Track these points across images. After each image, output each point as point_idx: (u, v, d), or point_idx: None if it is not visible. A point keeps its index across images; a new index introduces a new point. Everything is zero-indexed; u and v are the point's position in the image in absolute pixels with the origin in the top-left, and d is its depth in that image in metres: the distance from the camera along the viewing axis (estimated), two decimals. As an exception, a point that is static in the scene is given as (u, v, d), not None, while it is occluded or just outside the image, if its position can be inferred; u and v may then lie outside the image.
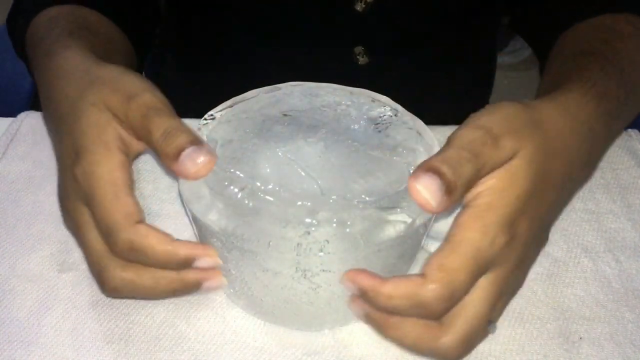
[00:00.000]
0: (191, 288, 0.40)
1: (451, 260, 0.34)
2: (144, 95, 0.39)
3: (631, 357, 0.42)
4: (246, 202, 0.38)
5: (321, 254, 0.37)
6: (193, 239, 0.48)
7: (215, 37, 0.68)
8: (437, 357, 0.37)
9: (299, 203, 0.37)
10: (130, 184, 0.39)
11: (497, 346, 0.42)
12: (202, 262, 0.38)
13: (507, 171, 0.36)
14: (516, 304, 0.44)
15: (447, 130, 0.56)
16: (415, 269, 0.46)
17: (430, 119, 0.46)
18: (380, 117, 0.43)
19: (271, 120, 0.43)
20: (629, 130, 0.57)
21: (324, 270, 0.38)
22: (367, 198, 0.38)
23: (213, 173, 0.39)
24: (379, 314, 0.37)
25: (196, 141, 0.38)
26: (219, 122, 0.43)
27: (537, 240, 0.40)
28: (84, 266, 0.46)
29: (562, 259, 0.47)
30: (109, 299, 0.44)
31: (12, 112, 0.58)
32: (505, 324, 0.43)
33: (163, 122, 0.38)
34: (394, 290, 0.34)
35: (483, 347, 0.42)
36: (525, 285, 0.45)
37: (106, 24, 0.55)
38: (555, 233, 0.49)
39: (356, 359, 0.41)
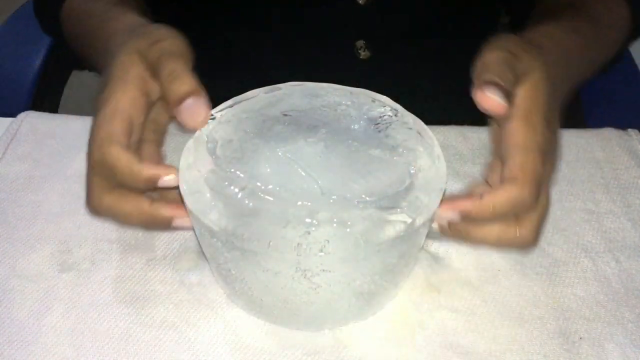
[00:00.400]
0: (161, 222, 0.41)
1: (528, 161, 0.40)
2: (166, 40, 0.43)
3: (631, 357, 0.42)
4: (246, 202, 0.38)
5: (321, 254, 0.37)
6: (193, 239, 0.48)
7: (216, 33, 0.68)
8: (517, 247, 0.42)
9: (299, 203, 0.37)
10: (133, 114, 0.41)
11: (497, 346, 0.42)
12: (164, 183, 0.40)
13: (531, 84, 0.42)
14: (516, 304, 0.44)
15: (447, 130, 0.57)
16: (416, 269, 0.46)
17: (430, 116, 0.46)
18: (380, 117, 0.43)
19: (271, 120, 0.43)
20: (629, 130, 0.57)
21: (324, 270, 0.38)
22: (367, 198, 0.38)
23: (213, 173, 0.39)
24: (463, 223, 0.41)
25: (196, 92, 0.41)
26: (219, 122, 0.43)
27: (556, 128, 0.45)
28: (84, 266, 0.46)
29: (562, 259, 0.47)
30: (109, 299, 0.44)
31: (12, 112, 0.58)
32: (505, 323, 0.43)
33: (171, 63, 0.41)
34: (494, 199, 0.39)
35: (483, 347, 0.42)
36: (525, 285, 0.45)
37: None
38: (556, 233, 0.49)
39: (356, 359, 0.41)
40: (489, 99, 0.40)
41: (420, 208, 0.38)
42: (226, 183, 0.39)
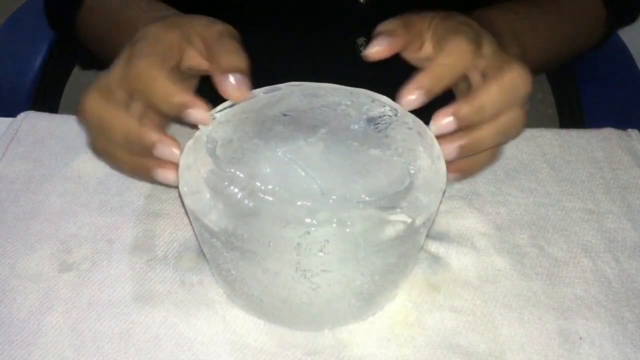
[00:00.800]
0: (145, 144, 0.41)
1: (497, 52, 0.44)
2: (221, 25, 0.45)
3: (631, 357, 0.42)
4: (246, 202, 0.38)
5: (321, 254, 0.37)
6: (193, 239, 0.48)
7: None
8: (521, 94, 0.43)
9: (299, 203, 0.37)
10: (174, 53, 0.43)
11: (497, 346, 0.42)
12: (193, 115, 0.40)
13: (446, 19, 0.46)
14: (516, 304, 0.44)
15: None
16: (416, 269, 0.46)
17: (430, 116, 0.46)
18: (380, 117, 0.43)
19: (271, 120, 0.43)
20: (629, 130, 0.57)
21: (324, 270, 0.38)
22: (367, 198, 0.38)
23: (213, 173, 0.39)
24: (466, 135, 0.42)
25: (244, 70, 0.42)
26: (219, 122, 0.43)
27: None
28: (84, 266, 0.46)
29: (562, 259, 0.47)
30: (109, 299, 0.44)
31: (12, 112, 0.58)
32: (505, 323, 0.43)
33: (231, 42, 0.43)
34: (495, 87, 0.42)
35: (483, 347, 0.42)
36: (525, 285, 0.45)
37: None
38: (555, 233, 0.49)
39: (356, 359, 0.41)
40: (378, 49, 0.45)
41: (420, 208, 0.38)
42: (226, 183, 0.39)
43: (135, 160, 0.42)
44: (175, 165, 0.41)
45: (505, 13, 0.56)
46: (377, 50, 0.44)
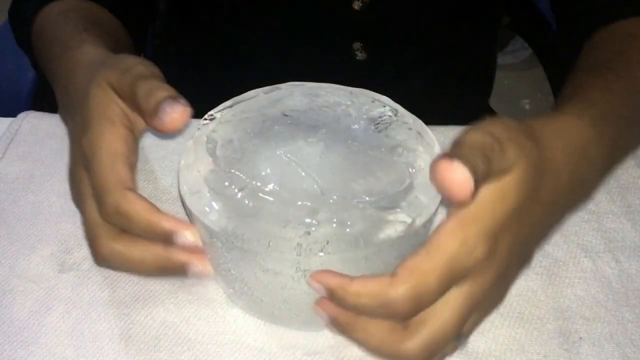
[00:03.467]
0: (177, 268, 0.40)
1: (424, 264, 0.33)
2: (136, 67, 0.42)
3: (631, 357, 0.42)
4: (246, 202, 0.38)
5: (321, 254, 0.37)
6: (193, 239, 0.48)
7: (215, 35, 0.68)
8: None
9: (299, 203, 0.37)
10: (129, 155, 0.41)
11: (497, 346, 0.42)
12: (182, 238, 0.39)
13: (499, 186, 0.34)
14: (516, 304, 0.44)
15: (447, 130, 0.56)
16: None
17: (430, 117, 0.46)
18: (380, 117, 0.43)
19: (271, 120, 0.43)
20: (629, 130, 0.57)
21: (324, 270, 0.38)
22: (367, 198, 0.38)
23: (213, 173, 0.39)
24: (344, 316, 0.36)
25: (173, 96, 0.39)
26: (219, 122, 0.43)
27: (519, 258, 0.39)
28: (84, 266, 0.46)
29: (562, 259, 0.47)
30: (109, 299, 0.44)
31: (12, 112, 0.58)
32: (505, 323, 0.43)
33: (147, 84, 0.40)
34: (361, 289, 0.34)
35: (483, 347, 0.42)
36: (525, 285, 0.45)
37: (111, 19, 0.59)
38: (555, 233, 0.49)
39: (356, 359, 0.41)
40: (452, 175, 0.32)
41: (420, 208, 0.38)
42: (226, 183, 0.39)
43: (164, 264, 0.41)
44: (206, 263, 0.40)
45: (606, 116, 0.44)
46: (457, 191, 0.33)
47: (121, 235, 0.40)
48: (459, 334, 0.36)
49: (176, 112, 0.39)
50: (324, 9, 0.63)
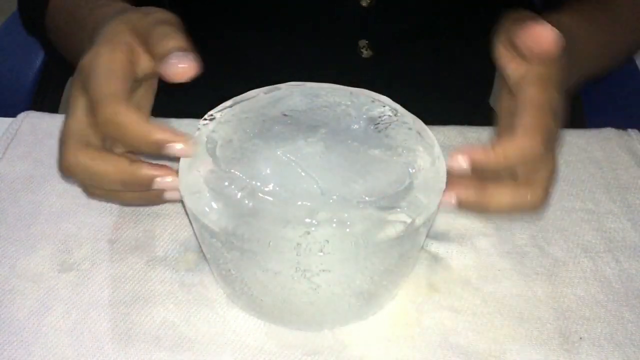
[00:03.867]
0: (141, 183, 0.40)
1: (539, 115, 0.40)
2: (158, 12, 0.43)
3: (631, 357, 0.42)
4: (246, 202, 0.38)
5: (321, 254, 0.37)
6: (193, 239, 0.48)
7: (218, 32, 0.68)
8: (529, 210, 0.41)
9: (299, 203, 0.37)
10: (126, 74, 0.41)
11: (497, 346, 0.42)
12: (172, 149, 0.39)
13: (543, 67, 0.41)
14: (516, 304, 0.44)
15: (447, 130, 0.57)
16: (416, 269, 0.46)
17: (431, 116, 0.46)
18: (380, 117, 0.43)
19: (271, 120, 0.43)
20: (629, 130, 0.57)
21: (324, 270, 0.38)
22: (367, 198, 0.38)
23: (213, 173, 0.39)
24: (475, 193, 0.40)
25: (183, 48, 0.40)
26: (219, 122, 0.43)
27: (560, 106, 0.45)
28: (84, 266, 0.46)
29: (562, 259, 0.47)
30: (109, 299, 0.44)
31: (12, 112, 0.58)
32: (505, 323, 0.43)
33: (162, 28, 0.41)
34: (507, 149, 0.39)
35: (483, 347, 0.42)
36: (525, 285, 0.45)
37: None
38: (556, 233, 0.49)
39: (356, 359, 0.41)
40: (539, 35, 0.40)
41: (420, 208, 0.38)
42: (226, 183, 0.39)
43: (139, 195, 0.42)
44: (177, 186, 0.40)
45: (588, 28, 0.53)
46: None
47: (87, 147, 0.40)
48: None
49: (182, 64, 0.39)
50: (331, 5, 0.63)
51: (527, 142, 0.39)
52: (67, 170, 0.40)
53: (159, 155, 0.39)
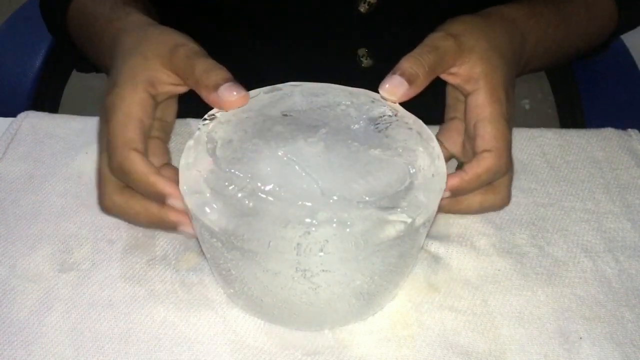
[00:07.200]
0: (168, 226, 0.43)
1: (499, 132, 0.44)
2: (190, 44, 0.45)
3: (631, 357, 0.42)
4: (246, 202, 0.38)
5: (321, 254, 0.37)
6: (193, 239, 0.48)
7: (217, 39, 0.68)
8: (495, 209, 0.47)
9: (299, 203, 0.37)
10: (144, 119, 0.44)
11: (497, 346, 0.42)
12: (172, 202, 0.42)
13: (483, 59, 0.46)
14: (516, 304, 0.44)
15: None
16: (416, 269, 0.46)
17: (431, 116, 0.46)
18: (380, 117, 0.43)
19: (271, 120, 0.43)
20: (629, 130, 0.57)
21: (324, 270, 0.38)
22: (367, 198, 0.38)
23: (213, 173, 0.39)
24: (448, 204, 0.45)
25: (232, 79, 0.43)
26: (219, 122, 0.43)
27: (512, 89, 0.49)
28: (84, 266, 0.46)
29: (562, 259, 0.47)
30: (109, 299, 0.44)
31: (12, 112, 0.58)
32: (505, 323, 0.43)
33: (205, 61, 0.44)
34: (479, 172, 0.44)
35: (483, 347, 0.42)
36: (525, 285, 0.45)
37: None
38: (555, 233, 0.49)
39: (356, 359, 0.41)
40: (385, 94, 0.44)
41: (420, 208, 0.38)
42: (226, 183, 0.39)
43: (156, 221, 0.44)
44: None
45: (531, 17, 0.55)
46: (388, 96, 0.44)
47: (123, 190, 0.43)
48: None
49: (235, 93, 0.43)
50: (328, 12, 0.63)
51: (496, 163, 0.44)
52: (107, 209, 0.44)
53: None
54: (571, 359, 0.42)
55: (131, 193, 0.43)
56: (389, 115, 0.43)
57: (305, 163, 0.40)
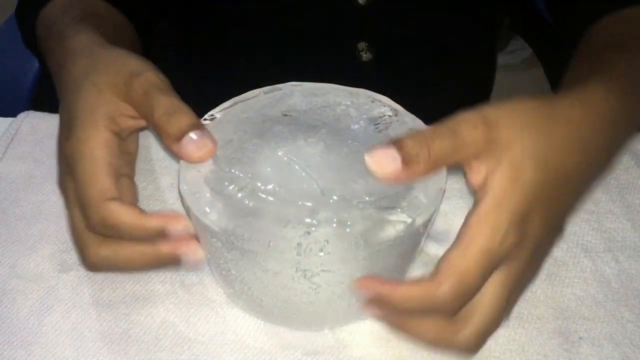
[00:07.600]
0: (168, 261, 0.40)
1: (462, 260, 0.35)
2: (147, 73, 0.40)
3: (631, 357, 0.42)
4: (246, 202, 0.38)
5: (321, 254, 0.37)
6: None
7: (216, 35, 0.68)
8: (455, 351, 0.38)
9: (299, 203, 0.37)
10: (112, 160, 0.40)
11: (497, 346, 0.42)
12: (174, 230, 0.39)
13: (511, 166, 0.35)
14: (516, 304, 0.44)
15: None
16: (416, 269, 0.46)
17: (431, 116, 0.46)
18: (380, 117, 0.43)
19: (271, 120, 0.43)
20: (629, 130, 0.57)
21: (324, 270, 0.38)
22: (367, 198, 0.38)
23: (213, 173, 0.39)
24: (394, 317, 0.38)
25: (198, 125, 0.39)
26: (219, 122, 0.43)
27: (551, 232, 0.39)
28: (84, 266, 0.46)
29: (562, 259, 0.47)
30: (109, 299, 0.44)
31: (12, 112, 0.58)
32: (505, 323, 0.43)
33: (165, 100, 0.39)
34: (407, 293, 0.35)
35: (483, 347, 0.42)
36: (525, 285, 0.45)
37: (114, 12, 0.57)
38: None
39: (356, 359, 0.41)
40: (370, 164, 0.36)
41: (420, 208, 0.38)
42: (226, 183, 0.39)
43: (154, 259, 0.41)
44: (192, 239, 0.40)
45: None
46: (374, 167, 0.36)
47: (106, 242, 0.40)
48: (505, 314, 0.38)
49: (201, 146, 0.38)
50: (327, 5, 0.62)
51: (431, 289, 0.35)
52: (92, 267, 0.41)
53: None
54: (571, 359, 0.42)
55: (116, 242, 0.40)
56: (389, 115, 0.43)
57: (305, 163, 0.40)
